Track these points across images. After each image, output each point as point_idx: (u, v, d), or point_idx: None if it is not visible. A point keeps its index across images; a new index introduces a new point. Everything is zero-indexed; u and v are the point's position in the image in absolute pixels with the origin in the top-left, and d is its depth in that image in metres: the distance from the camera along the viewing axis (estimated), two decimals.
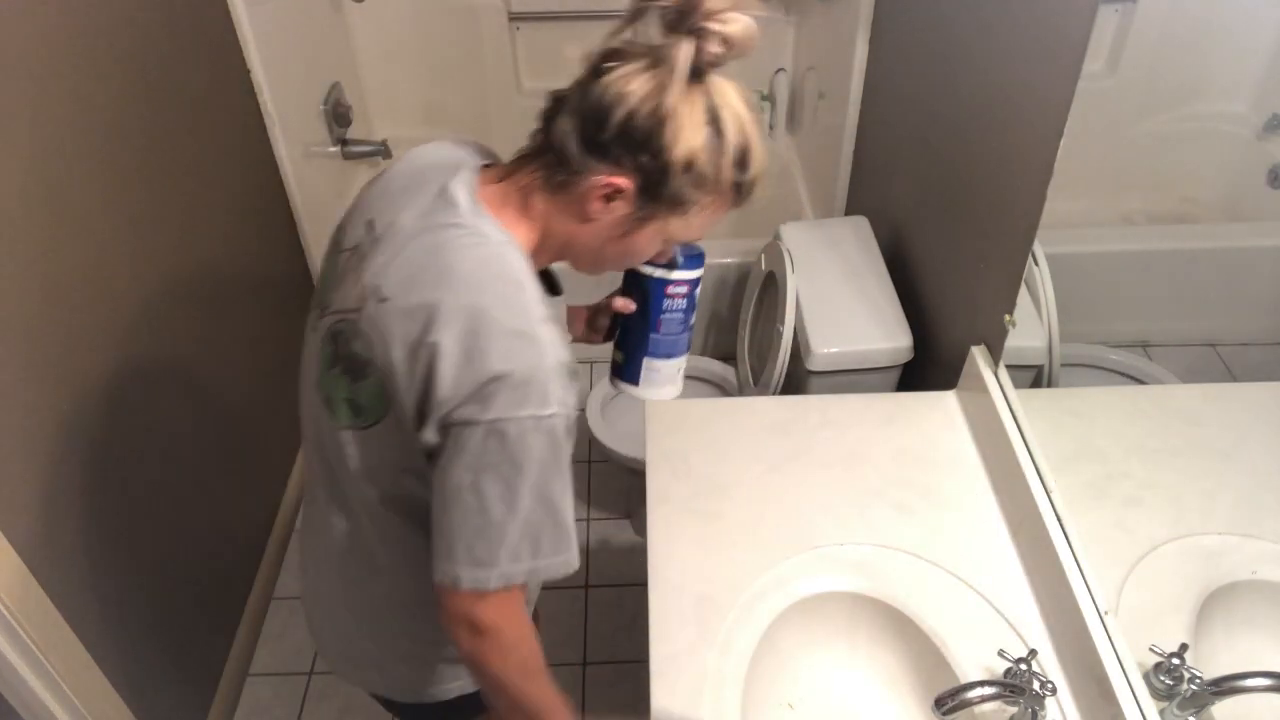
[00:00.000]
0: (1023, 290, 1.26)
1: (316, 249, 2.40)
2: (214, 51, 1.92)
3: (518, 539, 0.86)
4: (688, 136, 0.82)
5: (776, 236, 1.88)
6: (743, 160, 0.86)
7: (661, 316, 1.10)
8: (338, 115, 2.53)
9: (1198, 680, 0.90)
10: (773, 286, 1.85)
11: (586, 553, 2.21)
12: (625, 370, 1.15)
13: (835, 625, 1.18)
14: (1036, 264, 1.24)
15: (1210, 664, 0.91)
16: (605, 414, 2.08)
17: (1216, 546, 0.94)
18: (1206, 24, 0.99)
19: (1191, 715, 0.91)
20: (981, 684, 0.96)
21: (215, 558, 1.88)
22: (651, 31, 0.82)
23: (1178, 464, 1.02)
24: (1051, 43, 1.18)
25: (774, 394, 1.77)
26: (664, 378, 1.14)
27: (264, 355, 2.15)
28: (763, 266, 1.93)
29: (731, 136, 0.84)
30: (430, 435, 0.85)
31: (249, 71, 2.05)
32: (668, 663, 1.09)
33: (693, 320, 1.14)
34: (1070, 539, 1.12)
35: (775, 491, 1.28)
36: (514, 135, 3.45)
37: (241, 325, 2.02)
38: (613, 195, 0.85)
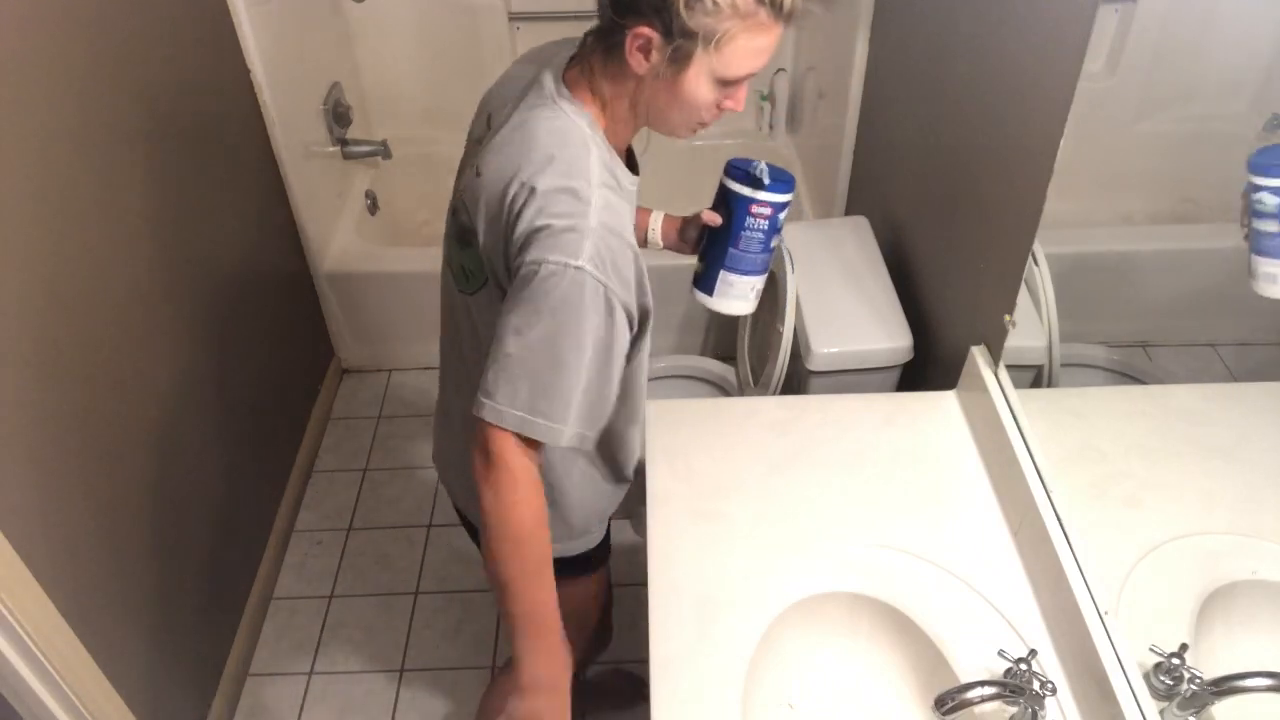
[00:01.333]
0: (1023, 290, 1.26)
1: (317, 249, 2.40)
2: (214, 51, 1.92)
3: (516, 377, 0.93)
4: None
5: None
6: None
7: (743, 233, 1.18)
8: (338, 115, 2.53)
9: (1198, 680, 0.90)
10: (773, 286, 1.85)
11: None
12: (703, 280, 1.24)
13: (835, 625, 1.18)
14: (1036, 264, 1.24)
15: (1210, 664, 0.91)
16: None
17: (1216, 546, 0.94)
18: (1206, 24, 0.99)
19: (1191, 715, 0.91)
20: (981, 684, 0.96)
21: (215, 558, 1.88)
22: None
23: (1178, 464, 1.02)
24: (1051, 43, 1.18)
25: (774, 394, 1.77)
26: (737, 292, 1.22)
27: (264, 354, 2.15)
28: None
29: None
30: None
31: (249, 71, 2.05)
32: (668, 663, 1.09)
33: (774, 243, 1.21)
34: (1070, 539, 1.12)
35: (775, 491, 1.28)
36: None
37: (241, 325, 2.02)
38: (646, 46, 0.92)
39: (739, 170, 1.18)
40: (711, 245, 1.22)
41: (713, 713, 1.04)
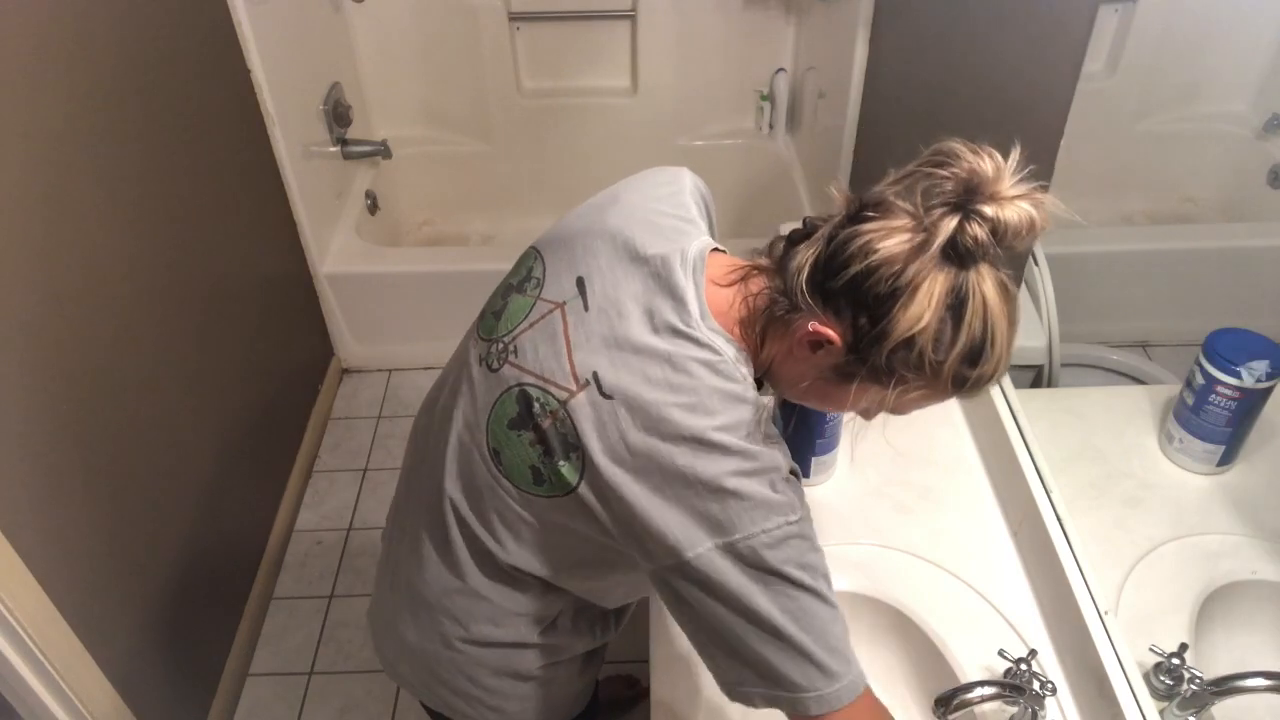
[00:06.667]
0: (1023, 290, 1.26)
1: (316, 249, 2.40)
2: (214, 51, 1.92)
3: (814, 654, 0.81)
4: (916, 314, 0.74)
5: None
6: (974, 357, 0.77)
7: (826, 426, 1.24)
8: (338, 115, 2.53)
9: (1198, 680, 0.90)
10: None
11: None
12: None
13: None
14: (1036, 264, 1.24)
15: (1210, 664, 0.91)
16: None
17: (1216, 546, 0.94)
18: (1206, 24, 0.99)
19: (1191, 715, 0.91)
20: (981, 684, 0.96)
21: (215, 558, 1.88)
22: (923, 194, 0.77)
23: (1177, 463, 1.02)
24: (1051, 43, 1.18)
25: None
26: (825, 465, 1.29)
27: (263, 355, 2.15)
28: None
29: (969, 330, 0.75)
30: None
31: (249, 71, 2.05)
32: (668, 663, 1.09)
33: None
34: (1070, 539, 1.12)
35: None
36: (514, 135, 3.43)
37: (241, 325, 2.02)
38: (819, 344, 0.80)
39: None
40: (797, 438, 1.25)
41: (713, 713, 1.04)
